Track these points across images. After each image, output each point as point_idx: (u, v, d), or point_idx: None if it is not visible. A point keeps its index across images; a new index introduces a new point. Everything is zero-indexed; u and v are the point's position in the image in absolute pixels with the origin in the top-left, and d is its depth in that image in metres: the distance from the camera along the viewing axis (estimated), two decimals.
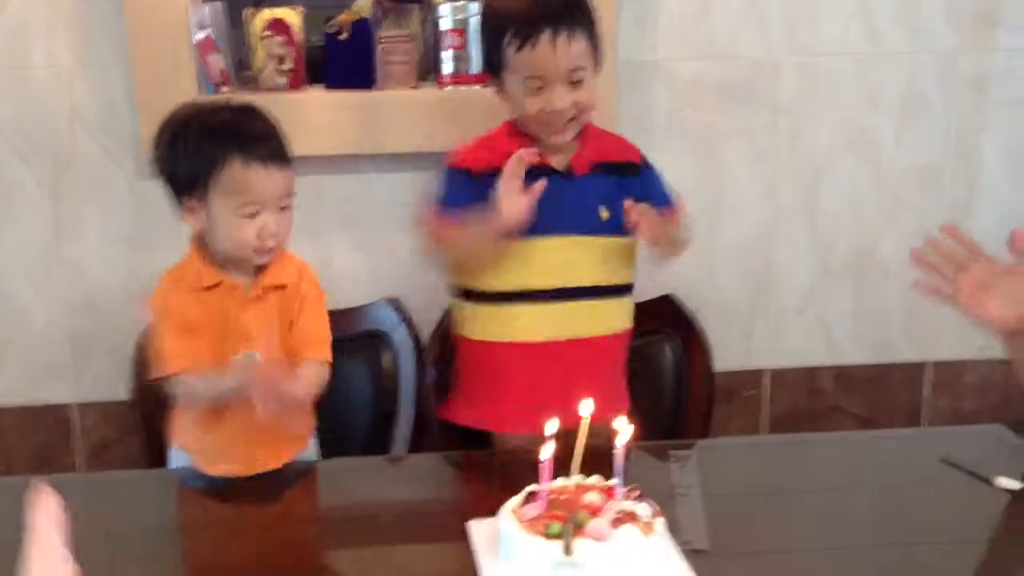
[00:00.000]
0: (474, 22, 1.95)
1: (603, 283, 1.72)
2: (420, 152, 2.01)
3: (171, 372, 1.54)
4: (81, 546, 1.08)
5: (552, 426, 1.26)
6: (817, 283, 2.25)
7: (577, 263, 1.70)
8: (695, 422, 1.91)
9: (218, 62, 1.93)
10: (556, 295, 1.69)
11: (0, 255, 2.01)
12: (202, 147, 1.52)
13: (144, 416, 1.81)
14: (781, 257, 2.23)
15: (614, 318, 1.76)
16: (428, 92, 1.99)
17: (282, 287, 1.61)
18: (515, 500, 1.28)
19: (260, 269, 1.60)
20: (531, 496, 1.28)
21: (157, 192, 1.62)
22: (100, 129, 1.97)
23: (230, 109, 1.59)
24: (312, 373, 1.59)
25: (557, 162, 1.69)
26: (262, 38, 1.95)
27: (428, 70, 2.05)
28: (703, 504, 1.42)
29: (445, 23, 1.96)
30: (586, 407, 1.28)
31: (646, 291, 1.90)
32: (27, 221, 2.01)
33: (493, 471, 1.62)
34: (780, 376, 2.29)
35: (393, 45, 1.95)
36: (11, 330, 2.05)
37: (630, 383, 1.80)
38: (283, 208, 1.56)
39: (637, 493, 1.27)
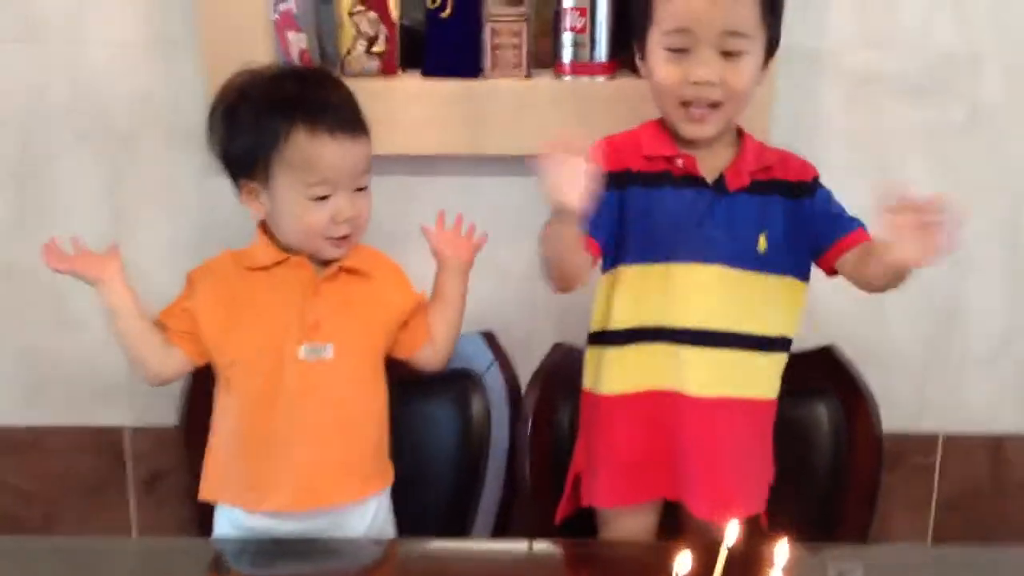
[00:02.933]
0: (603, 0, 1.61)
1: (752, 331, 1.37)
2: (531, 155, 1.67)
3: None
4: None
5: (684, 563, 0.90)
6: (1014, 327, 1.83)
7: (723, 301, 1.35)
8: (856, 505, 1.53)
9: (299, 41, 1.64)
10: (694, 338, 1.35)
11: None
12: (263, 119, 1.31)
13: (192, 448, 1.55)
14: (970, 292, 1.81)
15: (761, 379, 1.40)
16: (543, 83, 1.66)
17: (360, 273, 1.38)
18: None
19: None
20: None
21: (228, 189, 1.39)
22: (166, 116, 1.71)
23: (296, 75, 1.39)
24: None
25: (707, 171, 1.35)
26: (352, 13, 1.65)
27: (546, 56, 1.72)
28: None
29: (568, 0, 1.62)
30: (731, 532, 0.92)
31: (798, 340, 1.53)
32: (83, 218, 1.76)
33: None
34: (957, 442, 1.88)
35: (504, 25, 1.63)
36: (62, 340, 1.82)
37: (777, 455, 1.44)
38: (359, 189, 1.35)
39: None
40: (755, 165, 1.36)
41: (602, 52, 1.63)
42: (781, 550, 0.91)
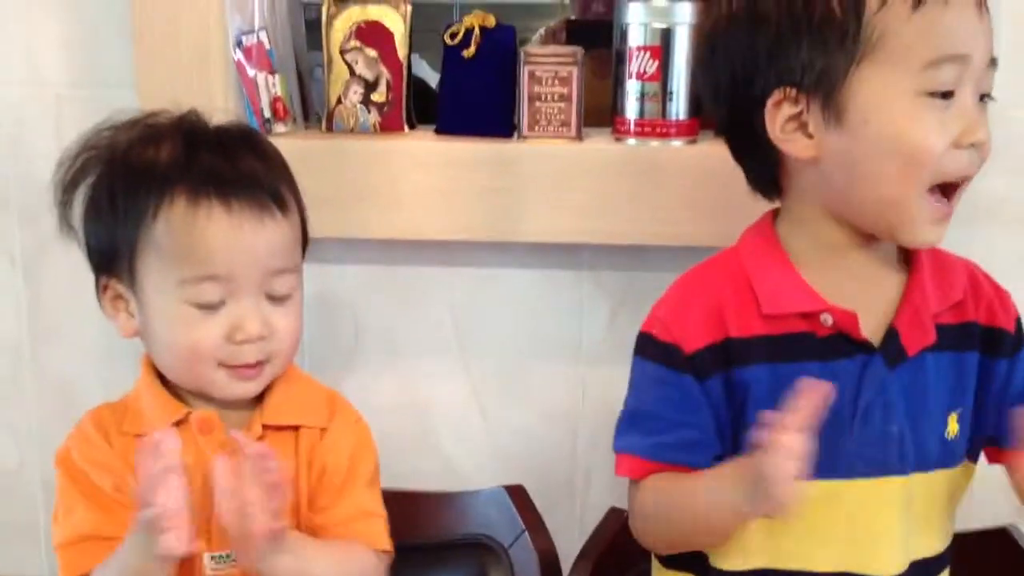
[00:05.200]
0: (682, 33, 1.18)
1: (933, 553, 0.91)
2: (578, 244, 1.25)
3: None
4: None
5: None
6: None
7: (905, 527, 0.88)
8: None
9: (272, 87, 1.23)
10: None
11: None
12: (124, 187, 0.90)
13: None
14: None
15: None
16: (597, 147, 1.22)
17: (295, 428, 0.95)
18: None
19: (256, 400, 0.95)
20: None
21: None
22: None
23: (184, 131, 0.94)
24: (358, 560, 0.94)
25: (869, 329, 0.87)
26: (344, 51, 1.24)
27: (601, 111, 1.28)
28: None
29: (634, 36, 1.19)
30: None
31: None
32: None
33: None
34: None
35: (548, 68, 1.20)
36: None
37: None
38: (278, 297, 0.92)
39: None
40: (940, 302, 0.89)
41: (680, 107, 1.19)
42: None
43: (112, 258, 0.92)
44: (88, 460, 0.92)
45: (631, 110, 1.21)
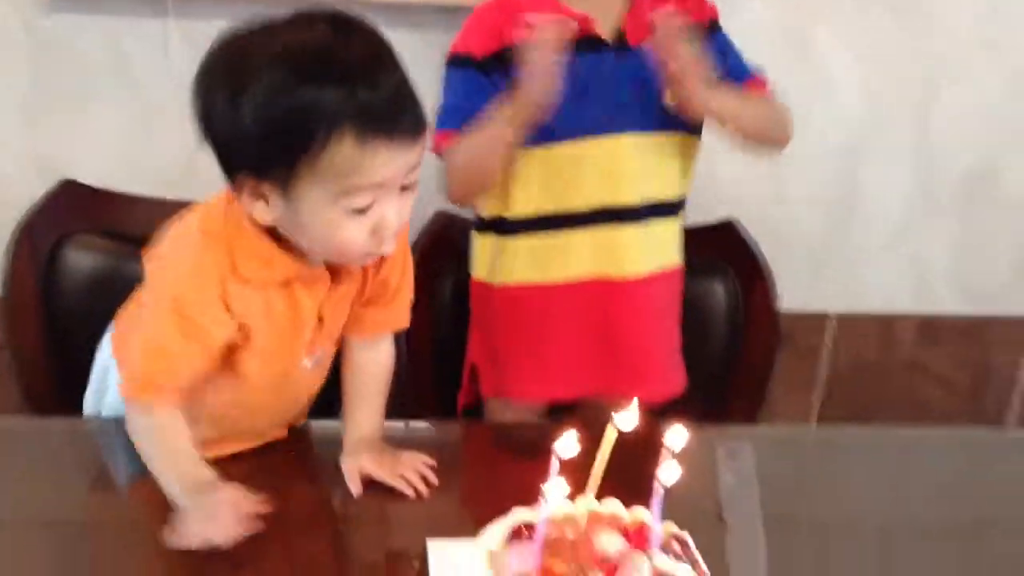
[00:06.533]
0: None
1: (658, 198, 1.27)
2: (431, 3, 1.51)
3: (144, 398, 1.03)
4: None
5: (569, 444, 0.80)
6: (914, 213, 1.78)
7: (630, 172, 1.23)
8: (749, 384, 1.48)
9: None
10: (600, 218, 1.24)
11: None
12: (288, 112, 0.91)
13: (17, 321, 1.39)
14: (873, 176, 1.75)
15: (668, 247, 1.32)
16: None
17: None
18: (495, 533, 0.85)
19: None
20: (520, 531, 0.85)
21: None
22: None
23: (326, 33, 0.94)
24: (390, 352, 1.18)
25: (604, 28, 1.20)
26: None
27: None
28: (766, 530, 0.99)
29: None
30: (629, 416, 0.82)
31: (694, 213, 1.44)
32: None
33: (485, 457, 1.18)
34: (850, 322, 1.85)
35: None
36: None
37: None
38: (405, 188, 0.98)
39: (682, 542, 0.84)
40: (653, 9, 1.21)
41: None
42: (674, 434, 0.81)
43: (264, 166, 0.94)
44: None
45: None
